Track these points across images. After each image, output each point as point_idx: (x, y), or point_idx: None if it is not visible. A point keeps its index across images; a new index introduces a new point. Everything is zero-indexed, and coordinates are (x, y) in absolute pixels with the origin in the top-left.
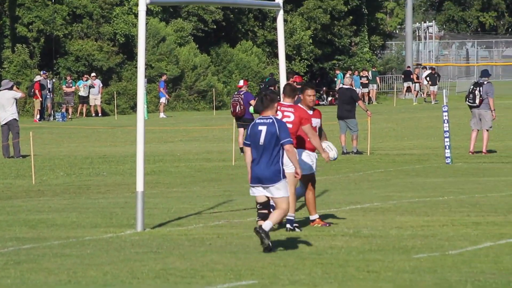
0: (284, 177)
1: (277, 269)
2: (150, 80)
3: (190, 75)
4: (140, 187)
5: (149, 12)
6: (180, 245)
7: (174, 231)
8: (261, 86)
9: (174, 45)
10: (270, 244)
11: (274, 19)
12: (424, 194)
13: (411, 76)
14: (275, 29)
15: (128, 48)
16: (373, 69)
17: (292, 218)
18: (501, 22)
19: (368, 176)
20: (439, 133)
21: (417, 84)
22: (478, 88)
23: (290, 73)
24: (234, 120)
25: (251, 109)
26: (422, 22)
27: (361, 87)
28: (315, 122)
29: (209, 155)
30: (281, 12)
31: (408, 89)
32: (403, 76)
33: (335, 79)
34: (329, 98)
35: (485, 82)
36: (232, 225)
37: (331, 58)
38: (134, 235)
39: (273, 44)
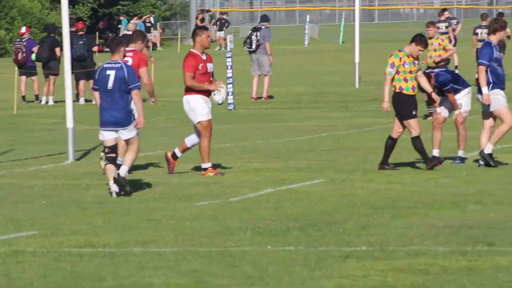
0: (134, 119)
1: (58, 219)
2: None
3: None
4: None
5: None
6: None
7: None
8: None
9: None
10: (130, 190)
11: None
12: None
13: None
14: None
15: None
16: (153, 15)
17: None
18: None
19: (152, 124)
20: (222, 79)
21: None
22: (255, 33)
23: (72, 19)
24: (16, 68)
25: (33, 56)
26: None
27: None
28: (210, 67)
29: None
30: None
31: None
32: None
33: (119, 26)
34: None
35: (262, 27)
36: (13, 175)
37: (116, 3)
38: None
39: None
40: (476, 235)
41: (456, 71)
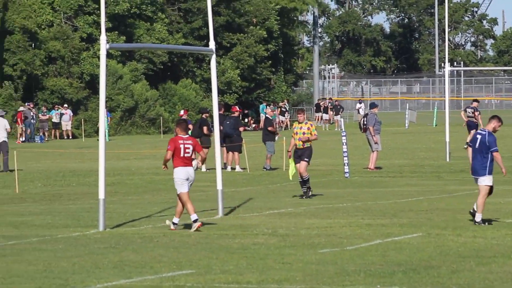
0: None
1: (210, 261)
2: (110, 110)
3: (143, 106)
4: (101, 195)
5: (109, 55)
6: (134, 241)
7: (129, 230)
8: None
9: (129, 82)
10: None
11: (209, 61)
12: (328, 201)
13: (320, 107)
14: (210, 69)
15: (92, 84)
16: (286, 103)
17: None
18: (389, 65)
19: (283, 187)
20: (340, 153)
21: (324, 114)
22: (364, 119)
23: (219, 104)
24: None
25: (189, 132)
26: (327, 65)
27: (279, 116)
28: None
29: (157, 170)
30: (214, 56)
31: (319, 118)
32: (315, 107)
33: (258, 109)
34: (254, 125)
35: (369, 113)
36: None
37: (255, 91)
38: (97, 234)
39: (209, 81)
40: None
41: None
